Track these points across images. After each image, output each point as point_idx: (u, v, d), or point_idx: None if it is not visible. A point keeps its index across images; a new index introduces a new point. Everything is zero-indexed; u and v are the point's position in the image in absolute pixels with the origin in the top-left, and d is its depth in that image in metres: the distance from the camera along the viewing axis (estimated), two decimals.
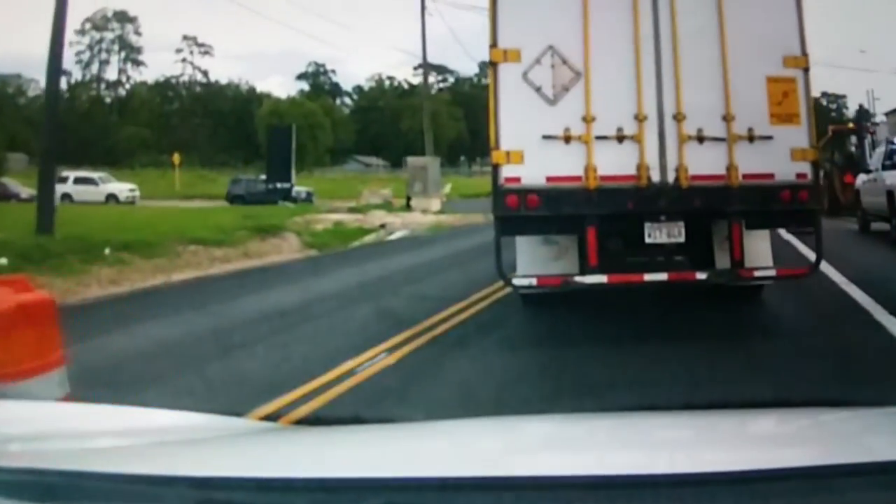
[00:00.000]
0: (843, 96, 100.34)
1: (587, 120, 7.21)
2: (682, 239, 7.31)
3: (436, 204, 30.92)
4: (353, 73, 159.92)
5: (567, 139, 7.22)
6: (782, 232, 15.70)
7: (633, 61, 7.21)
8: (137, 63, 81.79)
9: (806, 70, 7.37)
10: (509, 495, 1.22)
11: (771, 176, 7.26)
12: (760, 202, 7.26)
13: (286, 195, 35.81)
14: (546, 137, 7.20)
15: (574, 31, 7.23)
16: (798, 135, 7.31)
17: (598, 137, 7.20)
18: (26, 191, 35.26)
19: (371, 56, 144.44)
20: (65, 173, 39.06)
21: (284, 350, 7.35)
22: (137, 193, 39.07)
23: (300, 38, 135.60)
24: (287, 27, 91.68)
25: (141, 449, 1.73)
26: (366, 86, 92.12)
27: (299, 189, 38.79)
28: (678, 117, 7.21)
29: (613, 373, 6.15)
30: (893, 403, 2.20)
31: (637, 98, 7.21)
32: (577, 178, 7.21)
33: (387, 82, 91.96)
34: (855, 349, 6.88)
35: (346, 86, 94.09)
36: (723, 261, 7.55)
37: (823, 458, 1.46)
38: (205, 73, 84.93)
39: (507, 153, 7.24)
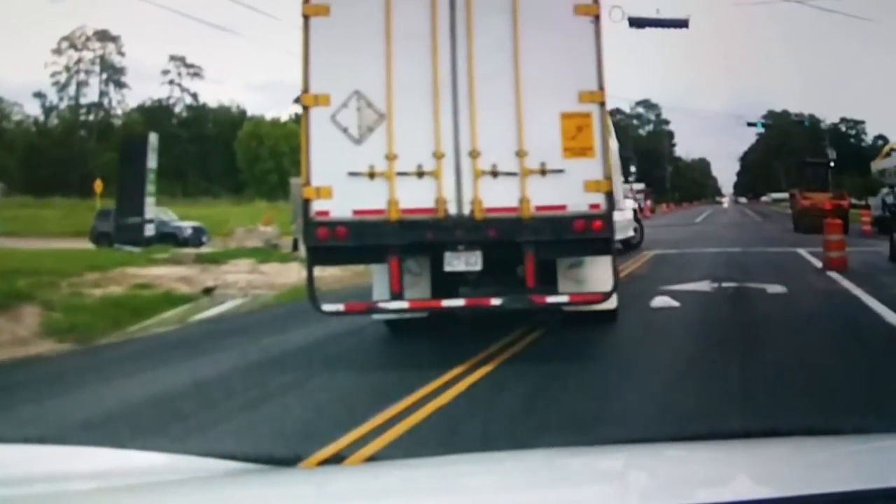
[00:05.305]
0: (862, 122, 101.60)
1: (389, 158, 7.80)
2: (478, 267, 7.87)
3: None
4: None
5: (371, 175, 7.80)
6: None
7: (432, 103, 7.81)
8: (120, 85, 78.09)
9: (602, 104, 7.92)
10: None
11: (563, 207, 7.81)
12: (553, 232, 7.81)
13: (136, 235, 23.96)
14: (352, 174, 7.79)
15: (378, 76, 7.82)
16: (592, 167, 7.85)
17: (400, 174, 7.79)
18: None
19: None
20: None
21: None
22: None
23: None
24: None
25: (113, 493, 1.68)
26: None
27: (183, 225, 30.09)
28: (473, 154, 7.79)
29: None
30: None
31: (435, 137, 7.80)
32: (381, 212, 7.80)
33: None
34: None
35: None
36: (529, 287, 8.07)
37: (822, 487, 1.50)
38: (194, 96, 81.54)
39: (317, 189, 7.82)
